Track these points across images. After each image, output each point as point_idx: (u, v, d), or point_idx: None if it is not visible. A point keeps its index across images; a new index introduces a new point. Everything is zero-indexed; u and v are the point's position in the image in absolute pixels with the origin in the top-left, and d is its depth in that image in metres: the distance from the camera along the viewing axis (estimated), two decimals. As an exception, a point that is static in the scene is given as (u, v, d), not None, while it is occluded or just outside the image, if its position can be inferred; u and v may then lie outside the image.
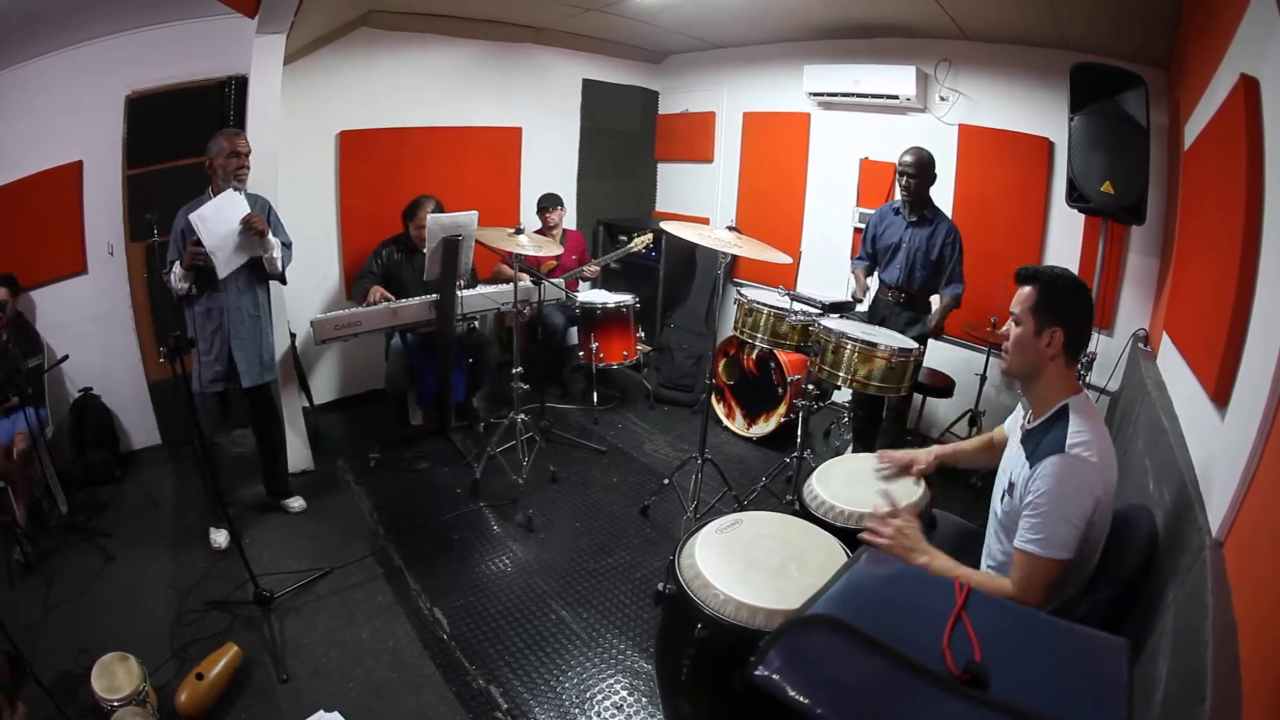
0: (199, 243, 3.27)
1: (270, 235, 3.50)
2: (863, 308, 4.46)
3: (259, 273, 3.60)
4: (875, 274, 4.46)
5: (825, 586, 1.37)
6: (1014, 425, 2.27)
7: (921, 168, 4.07)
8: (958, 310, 4.12)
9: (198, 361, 3.53)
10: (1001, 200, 4.69)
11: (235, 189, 3.42)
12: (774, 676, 1.17)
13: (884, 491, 2.29)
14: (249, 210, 3.40)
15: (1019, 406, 2.24)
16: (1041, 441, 1.89)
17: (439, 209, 4.45)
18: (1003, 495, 2.06)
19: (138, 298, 4.41)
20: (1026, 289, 1.98)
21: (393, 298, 4.32)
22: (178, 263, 3.35)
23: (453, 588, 3.38)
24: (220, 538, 3.59)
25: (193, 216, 3.27)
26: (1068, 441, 1.81)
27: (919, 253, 4.14)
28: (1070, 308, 1.94)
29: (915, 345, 3.42)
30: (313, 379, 5.25)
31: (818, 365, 3.51)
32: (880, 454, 2.61)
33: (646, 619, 3.17)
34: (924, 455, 2.54)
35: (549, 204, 5.60)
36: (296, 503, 4.03)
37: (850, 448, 4.59)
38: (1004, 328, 2.04)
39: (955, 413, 4.82)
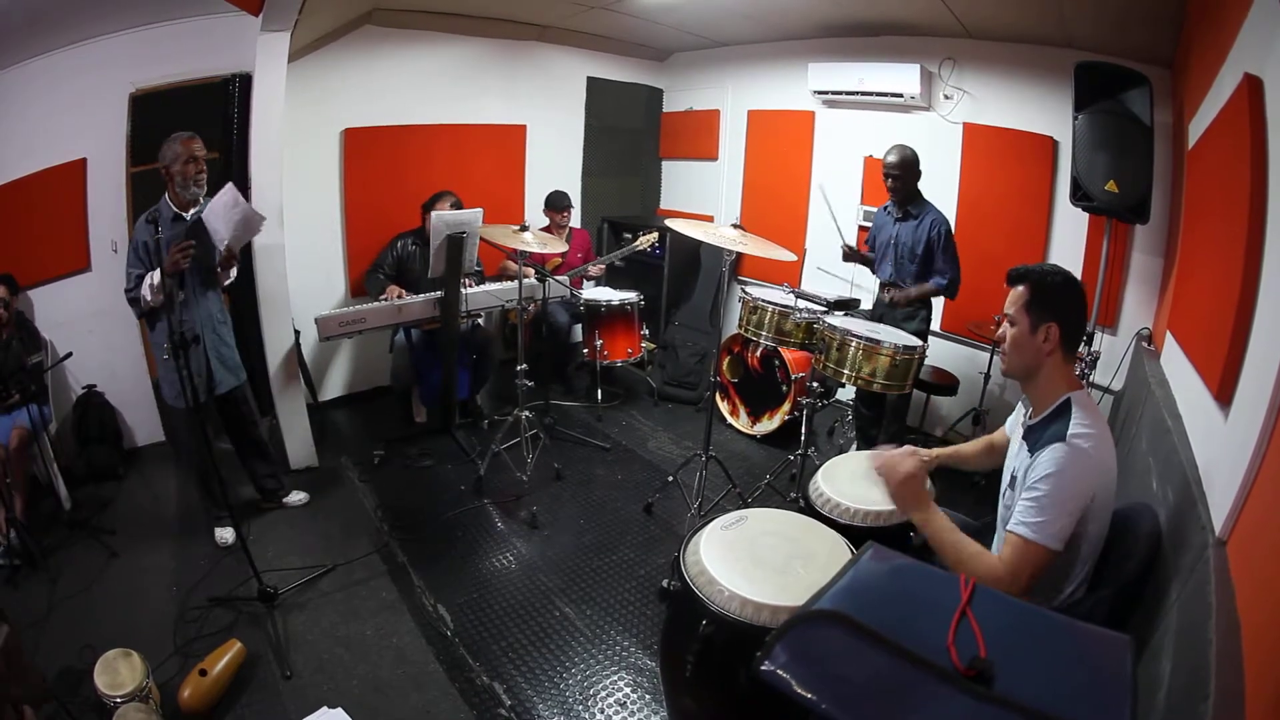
0: (186, 247, 3.06)
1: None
2: (865, 305, 4.47)
3: (213, 279, 3.47)
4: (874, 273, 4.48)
5: (830, 582, 1.37)
6: (1015, 423, 2.28)
7: (904, 166, 4.08)
8: (958, 306, 4.12)
9: (168, 376, 3.35)
10: (1005, 199, 4.69)
11: (196, 196, 3.34)
12: (780, 672, 1.17)
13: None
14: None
15: (1019, 405, 2.25)
16: (1044, 434, 1.89)
17: (457, 205, 4.47)
18: (1005, 491, 2.06)
19: (142, 295, 4.41)
20: (1018, 288, 1.99)
21: (408, 294, 4.36)
22: (155, 273, 3.14)
23: (456, 584, 3.39)
24: (227, 534, 3.60)
25: (206, 216, 3.27)
26: (1069, 432, 1.82)
27: (905, 247, 4.16)
28: (1063, 302, 1.95)
29: (919, 343, 3.42)
30: (320, 375, 5.27)
31: (822, 362, 3.52)
32: (874, 455, 2.59)
33: (651, 616, 3.18)
34: (922, 454, 2.53)
35: (558, 204, 5.61)
36: (297, 497, 4.04)
37: (854, 445, 4.59)
38: (1000, 330, 2.05)
39: (959, 411, 4.83)
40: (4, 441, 3.51)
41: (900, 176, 4.08)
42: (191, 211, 3.36)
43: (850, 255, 4.40)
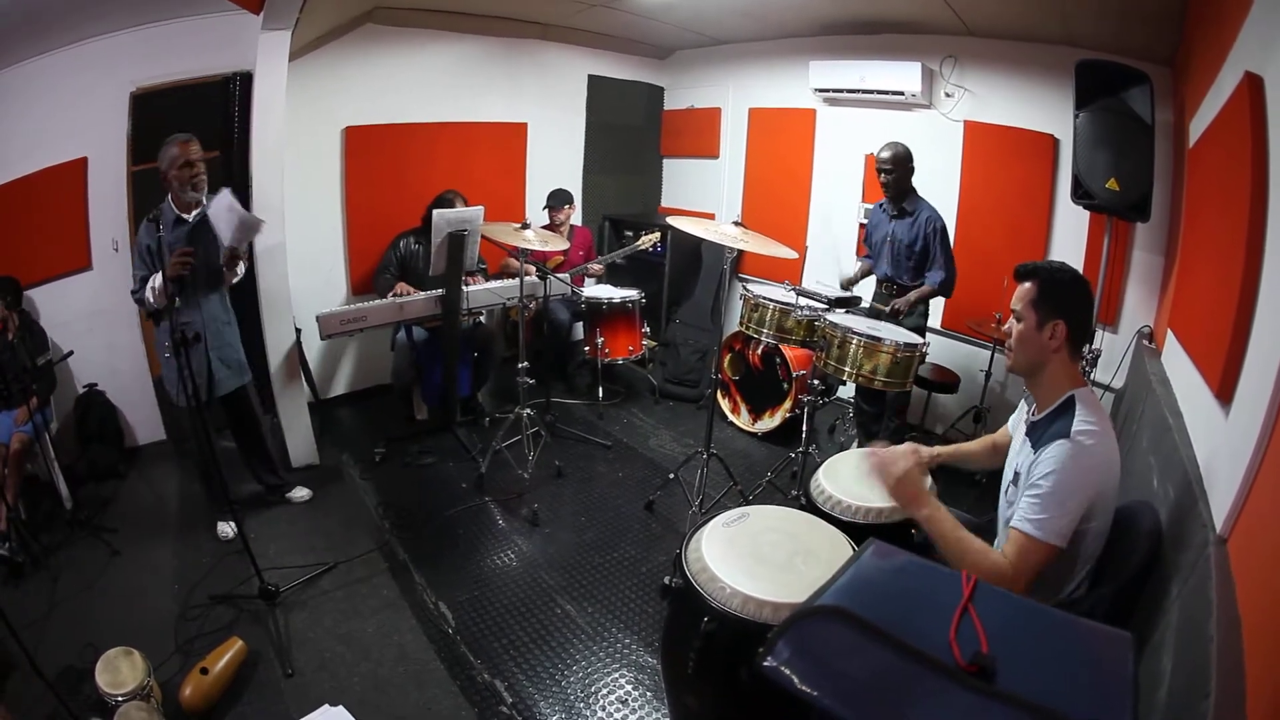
0: (186, 253, 3.12)
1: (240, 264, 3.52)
2: (866, 303, 4.47)
3: (220, 279, 3.50)
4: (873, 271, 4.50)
5: (832, 579, 1.37)
6: (1017, 421, 2.28)
7: (897, 162, 4.10)
8: (958, 304, 4.13)
9: (170, 374, 3.35)
10: (1006, 197, 4.68)
11: (195, 199, 3.34)
12: (782, 668, 1.17)
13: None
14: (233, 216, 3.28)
15: (1022, 403, 2.25)
16: (1047, 431, 1.89)
17: (464, 205, 4.49)
18: (1008, 489, 2.06)
19: (143, 294, 4.41)
20: (1027, 284, 1.99)
21: (412, 291, 4.38)
22: (158, 275, 3.15)
23: (458, 582, 3.39)
24: (228, 528, 3.61)
25: (211, 216, 3.26)
26: (1074, 429, 1.82)
27: (901, 244, 4.17)
28: (1071, 300, 1.95)
29: (920, 340, 3.42)
30: (322, 374, 5.27)
31: (823, 360, 3.52)
32: (871, 452, 2.56)
33: (652, 613, 3.18)
34: (925, 453, 2.53)
35: (559, 201, 5.60)
36: (301, 493, 4.05)
37: (855, 443, 4.59)
38: (1006, 325, 2.05)
39: (960, 409, 4.83)
40: (4, 440, 3.51)
41: (893, 172, 4.09)
42: (194, 213, 3.37)
43: (850, 284, 4.45)
